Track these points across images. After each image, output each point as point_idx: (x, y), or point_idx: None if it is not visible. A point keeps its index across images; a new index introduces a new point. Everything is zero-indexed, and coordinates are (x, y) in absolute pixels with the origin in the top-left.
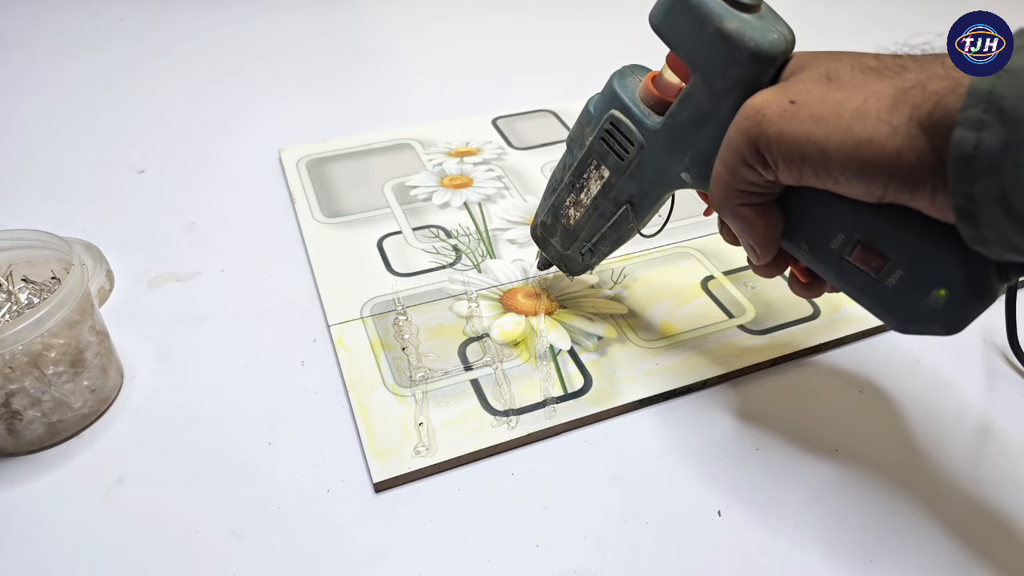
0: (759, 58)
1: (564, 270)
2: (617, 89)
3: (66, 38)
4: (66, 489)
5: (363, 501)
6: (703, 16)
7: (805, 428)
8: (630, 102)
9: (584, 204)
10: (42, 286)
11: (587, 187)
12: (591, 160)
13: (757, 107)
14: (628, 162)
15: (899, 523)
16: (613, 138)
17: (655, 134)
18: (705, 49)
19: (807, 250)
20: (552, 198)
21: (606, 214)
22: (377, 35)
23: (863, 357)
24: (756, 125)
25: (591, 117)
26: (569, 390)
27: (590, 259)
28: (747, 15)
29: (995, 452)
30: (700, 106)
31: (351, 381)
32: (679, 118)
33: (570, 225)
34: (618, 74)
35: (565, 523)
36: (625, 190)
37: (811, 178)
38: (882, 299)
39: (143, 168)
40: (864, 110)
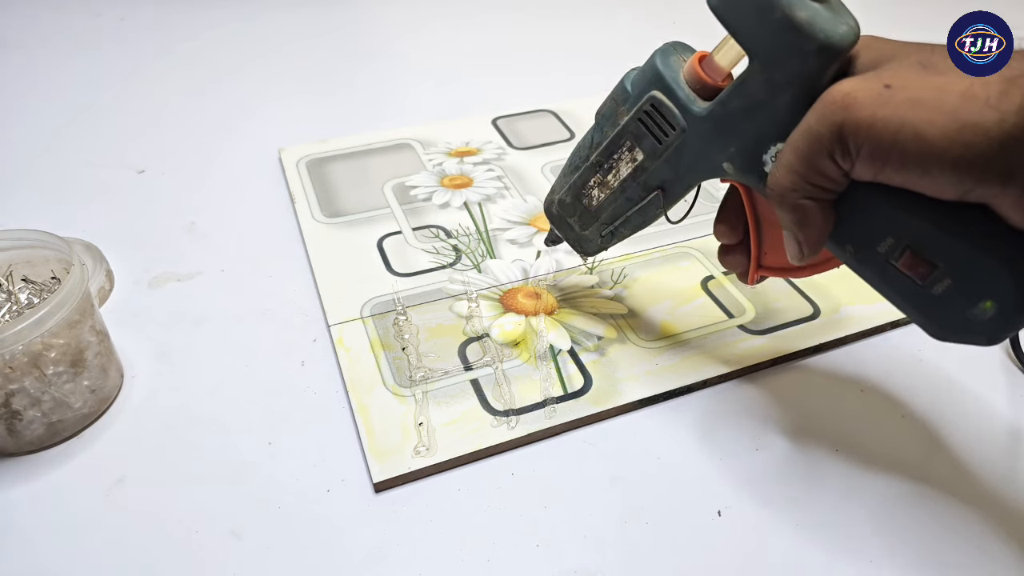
0: (827, 51)
1: (578, 250)
2: (661, 68)
3: (66, 38)
4: (66, 489)
5: (363, 501)
6: (771, 3)
7: (805, 428)
8: (674, 83)
9: (611, 186)
10: (42, 286)
11: (616, 168)
12: (624, 141)
13: (846, 91)
14: (666, 146)
15: (899, 522)
16: (652, 120)
17: (700, 120)
18: (769, 37)
19: (852, 252)
20: (573, 176)
21: (634, 198)
22: (377, 35)
23: (863, 357)
24: (844, 109)
25: (628, 95)
26: (569, 390)
27: (609, 241)
28: (817, 4)
29: (996, 450)
30: (754, 95)
31: (351, 381)
32: (729, 106)
33: (592, 206)
34: (661, 51)
35: (565, 523)
36: (658, 175)
37: (894, 171)
38: (925, 307)
39: (143, 168)
40: (971, 94)
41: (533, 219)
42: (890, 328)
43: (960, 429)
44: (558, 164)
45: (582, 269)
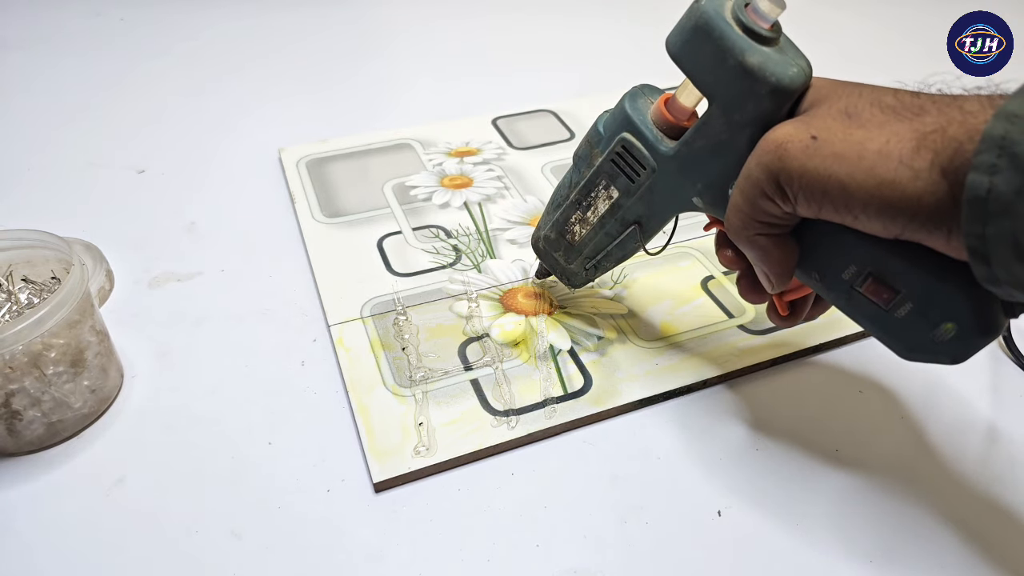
0: (779, 93)
1: (566, 283)
2: (629, 111)
3: (66, 38)
4: (66, 489)
5: (363, 501)
6: (725, 48)
7: (805, 428)
8: (642, 125)
9: (590, 222)
10: (42, 286)
11: (594, 206)
12: (599, 180)
13: (779, 141)
14: (639, 185)
15: (899, 522)
16: (624, 160)
17: (668, 159)
18: (725, 81)
19: (818, 279)
20: (556, 213)
21: (612, 233)
22: (377, 35)
23: (863, 357)
24: (778, 159)
25: (601, 137)
26: (569, 390)
27: (593, 274)
28: (767, 48)
29: (995, 451)
30: (716, 135)
31: (351, 381)
32: (694, 145)
33: (575, 241)
34: (630, 95)
35: (565, 523)
36: (633, 211)
37: (830, 213)
38: (890, 329)
39: (143, 168)
40: (887, 152)
41: (533, 219)
42: None
43: (959, 429)
44: (558, 164)
45: None
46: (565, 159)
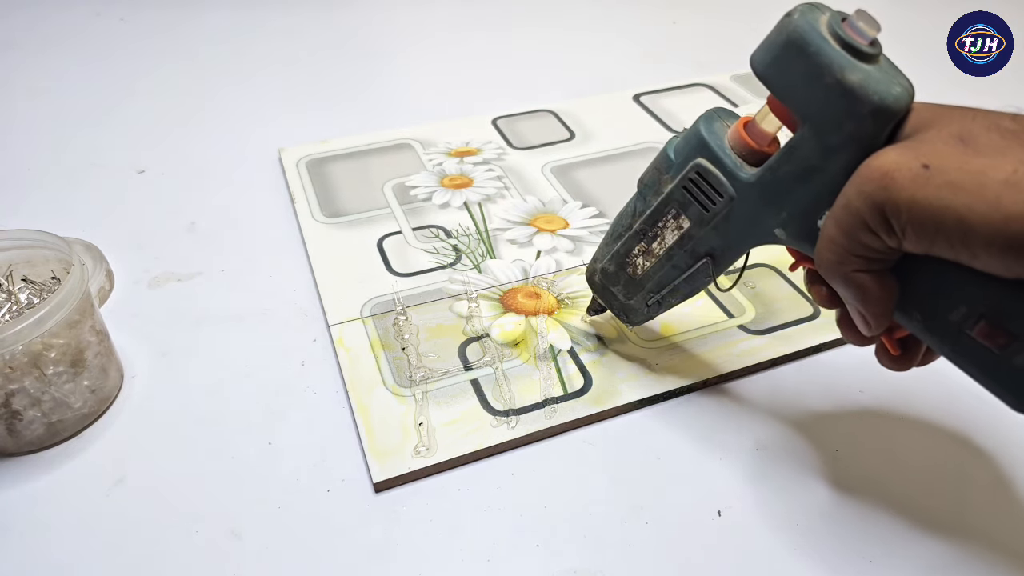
0: (882, 114)
1: (623, 320)
2: (705, 135)
3: (66, 38)
4: (66, 489)
5: (363, 501)
6: (821, 65)
7: (805, 428)
8: (719, 150)
9: (656, 254)
10: (42, 286)
11: (661, 236)
12: (669, 209)
13: (884, 169)
14: (713, 214)
15: (899, 523)
16: (698, 188)
17: (748, 187)
18: (820, 101)
19: (920, 320)
20: (616, 244)
21: (681, 266)
22: (377, 35)
23: (863, 357)
24: (883, 189)
25: (671, 163)
26: (569, 390)
27: (656, 310)
28: (868, 66)
29: (995, 451)
30: (806, 160)
31: (351, 381)
32: (779, 171)
33: (637, 274)
34: (705, 118)
35: (565, 523)
36: (706, 242)
37: (943, 249)
38: (1003, 378)
39: (143, 168)
40: (1014, 181)
41: (533, 219)
42: None
43: (959, 429)
44: (558, 164)
45: (582, 269)
46: (565, 159)
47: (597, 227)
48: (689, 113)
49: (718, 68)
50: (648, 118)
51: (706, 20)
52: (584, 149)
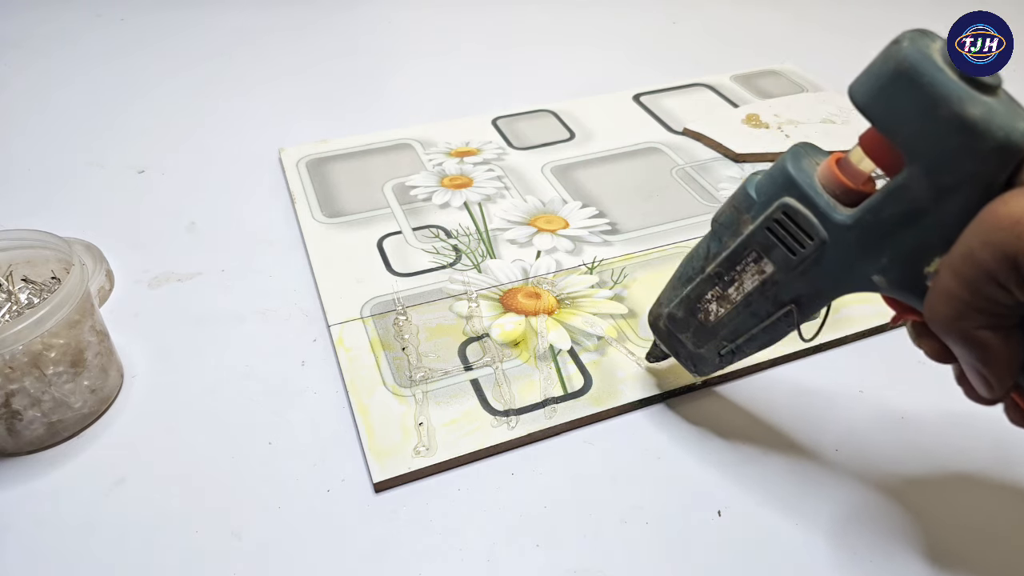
0: (1006, 152)
1: (691, 369)
2: (793, 173)
3: (66, 38)
4: (66, 489)
5: (363, 501)
6: (936, 97)
7: (805, 428)
8: (810, 189)
9: (732, 300)
10: (42, 286)
11: (739, 281)
12: (749, 252)
13: (1016, 217)
14: (802, 258)
15: (900, 523)
16: (785, 229)
17: (843, 229)
18: (934, 137)
19: None
20: (686, 288)
21: (760, 313)
22: (377, 35)
23: (863, 357)
24: (1017, 238)
25: (753, 202)
26: (569, 390)
27: (729, 360)
28: (989, 98)
29: (995, 451)
30: (914, 201)
31: (351, 381)
32: (881, 213)
33: (709, 321)
34: (792, 154)
35: (565, 523)
36: (791, 289)
37: None
38: None
39: (143, 168)
40: None
41: (533, 219)
42: (890, 328)
43: (959, 429)
44: (558, 164)
45: (582, 269)
46: (565, 159)
47: (597, 227)
48: (689, 113)
49: (718, 68)
50: (648, 118)
51: (706, 20)
52: (584, 149)
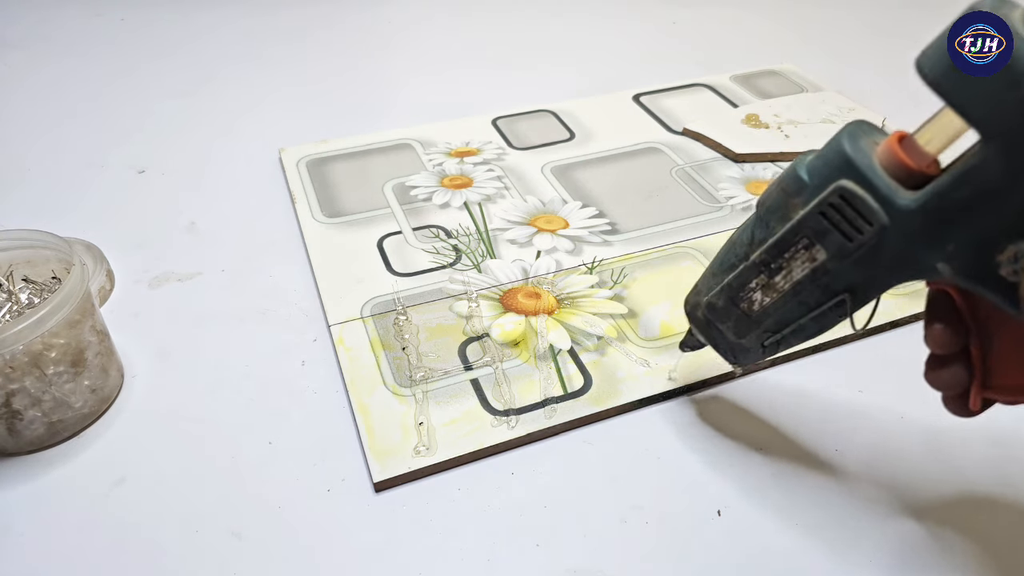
0: None
1: (730, 360)
2: (851, 153)
3: (66, 38)
4: (66, 489)
5: (363, 501)
6: (1019, 70)
7: (805, 428)
8: (869, 171)
9: (780, 288)
10: (42, 286)
11: (788, 269)
12: (800, 238)
13: None
14: (859, 244)
15: (899, 523)
16: (841, 214)
17: (907, 214)
18: (1014, 113)
19: None
20: (728, 276)
21: (810, 302)
22: (377, 35)
23: (863, 357)
24: None
25: (804, 185)
26: (569, 390)
27: (773, 351)
28: None
29: (995, 451)
30: (988, 183)
31: (351, 381)
32: (951, 196)
33: (753, 311)
34: (848, 133)
35: (565, 523)
36: (845, 277)
37: None
38: None
39: (143, 168)
40: None
41: (533, 219)
42: (890, 328)
43: (959, 429)
44: (558, 164)
45: (582, 269)
46: (565, 159)
47: (597, 227)
48: (689, 113)
49: (718, 68)
50: (648, 118)
51: (706, 20)
52: (584, 149)
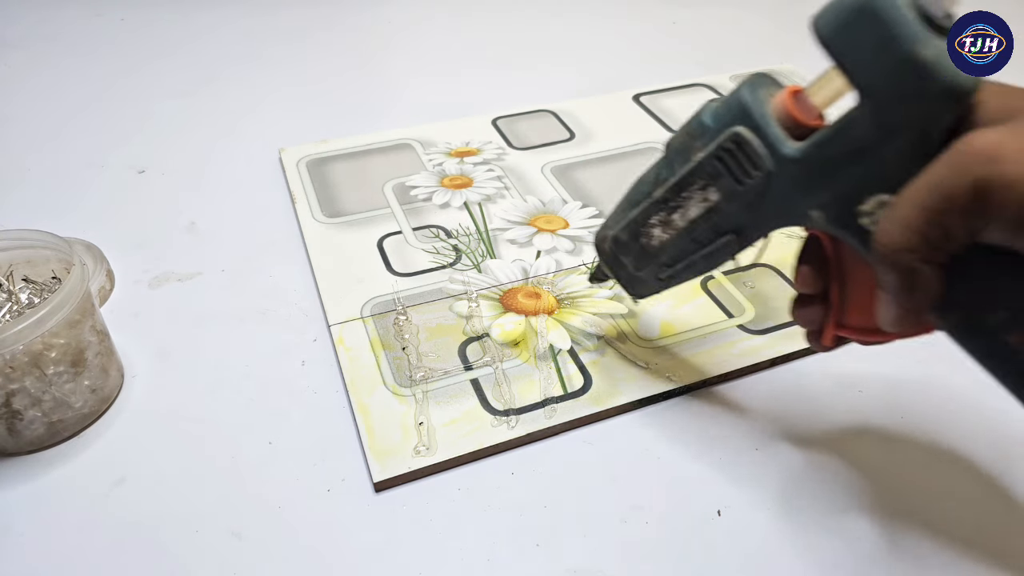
0: (952, 94)
1: (629, 291)
2: (748, 102)
3: (66, 38)
4: (66, 489)
5: (363, 501)
6: (893, 36)
7: (805, 428)
8: (762, 120)
9: (676, 226)
10: (43, 286)
11: (685, 208)
12: (697, 179)
13: (989, 145)
14: (747, 189)
15: (899, 523)
16: (734, 159)
17: (790, 162)
18: (888, 75)
19: (956, 322)
20: (633, 212)
21: (702, 240)
22: (377, 35)
23: (863, 357)
24: (989, 162)
25: (706, 129)
26: (569, 390)
27: (667, 285)
28: (943, 42)
29: (994, 451)
30: (860, 139)
31: (351, 381)
32: (827, 149)
33: (651, 246)
34: (749, 84)
35: (565, 523)
36: (734, 218)
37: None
38: None
39: (143, 168)
40: None
41: (533, 219)
42: None
43: (959, 429)
44: (558, 164)
45: (582, 269)
46: (565, 159)
47: (597, 227)
48: (689, 113)
49: (718, 68)
50: (648, 118)
51: (706, 20)
52: (584, 149)
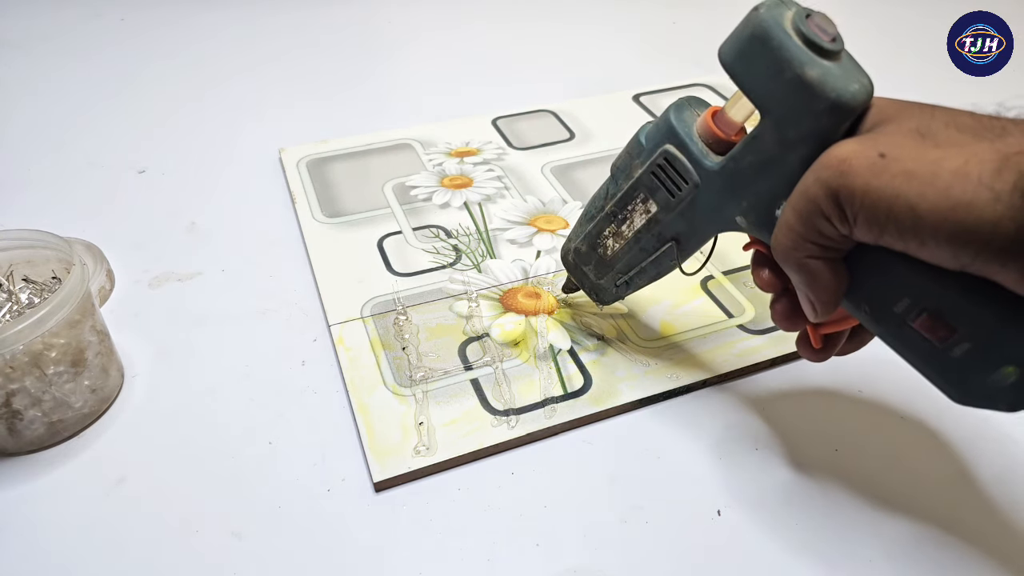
0: (839, 110)
1: (594, 299)
2: (674, 122)
3: (66, 38)
4: (66, 489)
5: (363, 501)
6: (782, 60)
7: (805, 428)
8: (687, 138)
9: (625, 236)
10: (43, 286)
11: (630, 219)
12: (638, 193)
13: (842, 157)
14: (679, 200)
15: (899, 523)
16: (665, 174)
17: (712, 175)
18: (780, 95)
19: (868, 311)
20: (589, 225)
21: (648, 248)
22: (377, 35)
23: (863, 357)
24: (840, 175)
25: (642, 148)
26: (569, 390)
27: (624, 291)
28: (828, 62)
29: (994, 451)
30: (766, 151)
31: (351, 381)
32: (741, 161)
33: (607, 256)
34: (675, 106)
35: (565, 523)
36: (672, 227)
37: (893, 238)
38: (942, 369)
39: (143, 168)
40: (965, 172)
41: (533, 219)
42: None
43: (959, 429)
44: (558, 164)
45: None
46: (565, 159)
47: None
48: None
49: (718, 68)
50: (648, 118)
51: (706, 20)
52: (584, 149)
